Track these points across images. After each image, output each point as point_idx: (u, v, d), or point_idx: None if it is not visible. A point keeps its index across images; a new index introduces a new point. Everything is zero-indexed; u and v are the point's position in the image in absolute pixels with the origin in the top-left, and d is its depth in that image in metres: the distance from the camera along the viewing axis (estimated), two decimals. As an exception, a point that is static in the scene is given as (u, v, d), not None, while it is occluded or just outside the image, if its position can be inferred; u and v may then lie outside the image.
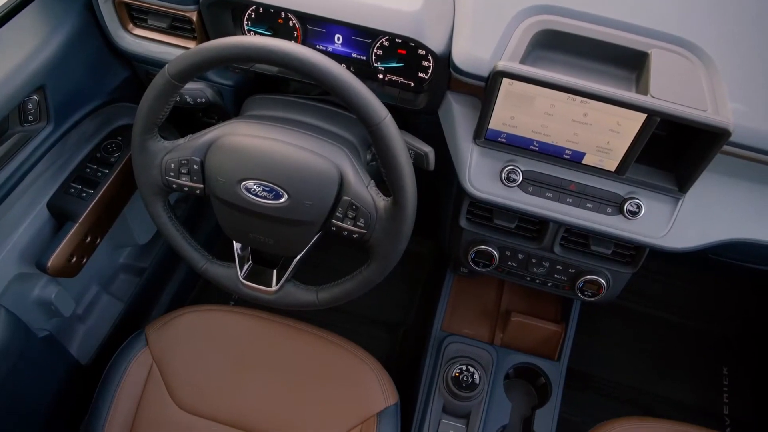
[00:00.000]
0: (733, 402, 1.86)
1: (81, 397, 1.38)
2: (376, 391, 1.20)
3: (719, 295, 2.03)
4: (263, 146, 0.93)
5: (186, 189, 0.99)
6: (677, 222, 1.00)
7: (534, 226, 1.11)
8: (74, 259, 1.26)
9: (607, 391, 1.85)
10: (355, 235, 0.94)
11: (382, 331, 1.91)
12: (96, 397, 1.18)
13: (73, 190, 1.27)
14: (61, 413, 1.39)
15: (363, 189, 0.93)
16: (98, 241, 1.33)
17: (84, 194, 1.26)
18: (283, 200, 0.91)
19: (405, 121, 1.15)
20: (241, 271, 1.06)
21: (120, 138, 1.36)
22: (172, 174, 0.98)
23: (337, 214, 0.93)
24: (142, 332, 1.25)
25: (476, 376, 1.28)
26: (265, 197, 0.91)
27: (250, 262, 1.07)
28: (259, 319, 1.28)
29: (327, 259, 1.55)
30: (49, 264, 1.19)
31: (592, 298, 1.16)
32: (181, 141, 0.98)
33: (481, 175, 1.02)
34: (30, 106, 1.09)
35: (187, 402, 1.19)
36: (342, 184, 0.93)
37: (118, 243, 1.59)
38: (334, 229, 0.95)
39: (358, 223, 0.93)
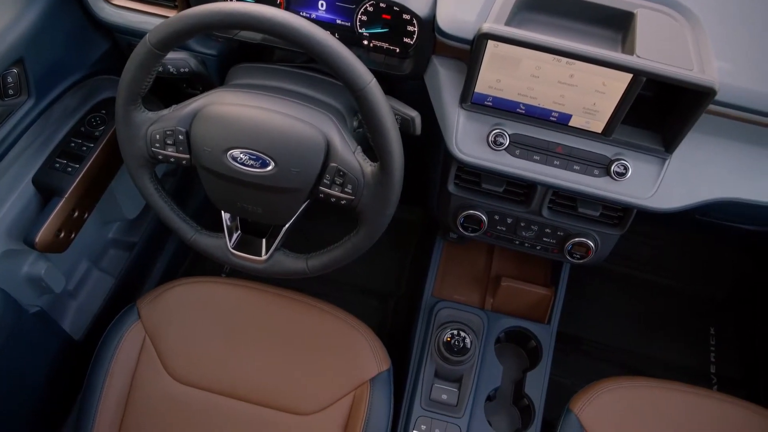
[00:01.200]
0: (720, 361, 1.90)
1: (75, 373, 1.39)
2: (369, 357, 1.22)
3: (706, 256, 2.05)
4: (249, 115, 0.92)
5: (172, 160, 0.98)
6: (664, 182, 1.01)
7: (522, 189, 1.11)
8: (62, 235, 1.25)
9: (596, 353, 1.87)
10: (343, 202, 0.94)
11: (373, 300, 1.92)
12: (90, 372, 1.19)
13: (58, 165, 1.26)
14: (56, 389, 1.40)
15: (350, 155, 0.92)
16: (86, 216, 1.32)
17: (69, 169, 1.25)
18: (270, 168, 0.91)
19: (391, 87, 1.14)
20: (230, 241, 1.05)
21: (104, 111, 1.34)
22: (157, 145, 0.97)
23: (325, 180, 0.93)
24: (134, 306, 1.26)
25: (467, 340, 1.30)
26: (252, 166, 0.91)
27: (239, 231, 1.07)
28: (250, 290, 1.28)
29: (316, 229, 1.55)
30: (37, 240, 1.19)
31: (581, 261, 1.17)
32: (166, 111, 0.97)
33: (468, 139, 1.02)
34: (9, 79, 1.07)
35: (181, 373, 1.20)
36: (329, 150, 0.92)
37: (106, 218, 1.58)
38: (322, 196, 0.95)
39: (346, 190, 0.93)
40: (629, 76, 0.88)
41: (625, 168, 0.99)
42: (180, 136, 0.95)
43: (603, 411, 1.20)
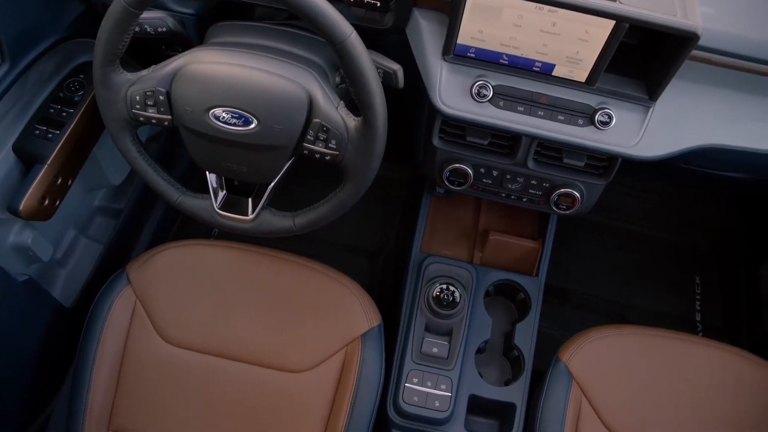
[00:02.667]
0: (705, 309, 1.93)
1: (68, 340, 1.39)
2: (359, 313, 1.23)
3: (690, 206, 2.07)
4: (229, 72, 0.91)
5: (154, 121, 0.97)
6: (648, 130, 1.01)
7: (507, 141, 1.11)
8: (47, 202, 1.24)
9: (584, 304, 1.90)
10: (327, 158, 0.94)
11: (362, 258, 1.93)
12: (82, 338, 1.19)
13: (38, 131, 1.24)
14: (48, 357, 1.41)
15: (333, 110, 0.92)
16: (69, 182, 1.31)
17: (50, 135, 1.23)
18: (252, 126, 0.90)
19: (373, 42, 1.12)
20: (216, 202, 1.05)
21: (82, 76, 1.32)
22: (138, 107, 0.95)
23: (309, 137, 0.92)
24: (123, 271, 1.25)
25: (457, 294, 1.31)
26: (234, 124, 0.90)
27: (225, 192, 1.07)
28: (240, 251, 1.28)
29: (302, 191, 1.55)
30: (21, 207, 1.18)
31: (567, 211, 1.18)
32: (145, 72, 0.95)
33: (451, 91, 1.01)
34: (-19, 43, 1.05)
35: (174, 336, 1.20)
36: (311, 106, 0.91)
37: (91, 185, 1.57)
38: (306, 152, 0.95)
39: (330, 145, 0.92)
40: (612, 22, 0.88)
41: (609, 117, 0.99)
42: (161, 97, 0.94)
43: (591, 359, 1.22)
